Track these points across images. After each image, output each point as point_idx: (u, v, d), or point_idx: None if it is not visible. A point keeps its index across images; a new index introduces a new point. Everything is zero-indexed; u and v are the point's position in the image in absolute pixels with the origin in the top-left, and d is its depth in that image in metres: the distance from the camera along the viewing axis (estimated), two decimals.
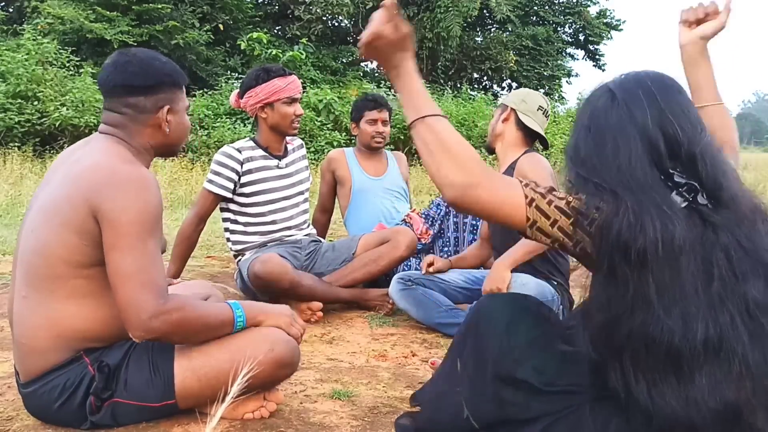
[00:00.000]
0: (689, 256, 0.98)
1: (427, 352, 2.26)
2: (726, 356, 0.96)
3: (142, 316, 1.35)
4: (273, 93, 2.69)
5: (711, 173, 1.04)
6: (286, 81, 2.70)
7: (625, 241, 0.99)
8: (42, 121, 8.04)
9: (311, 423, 1.60)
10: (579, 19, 19.70)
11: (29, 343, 1.45)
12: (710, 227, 1.01)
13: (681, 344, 0.96)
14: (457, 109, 12.15)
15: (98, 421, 1.47)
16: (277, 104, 2.71)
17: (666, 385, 0.98)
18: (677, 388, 0.97)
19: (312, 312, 2.57)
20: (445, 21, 15.09)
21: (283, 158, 2.85)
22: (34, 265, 1.43)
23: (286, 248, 2.76)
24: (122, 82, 1.50)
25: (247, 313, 1.56)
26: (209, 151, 8.51)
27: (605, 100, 1.12)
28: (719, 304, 0.97)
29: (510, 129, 2.47)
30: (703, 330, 0.96)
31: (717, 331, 0.96)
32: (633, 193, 1.02)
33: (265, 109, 2.73)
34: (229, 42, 13.68)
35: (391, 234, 2.83)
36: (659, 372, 0.98)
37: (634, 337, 0.99)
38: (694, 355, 0.96)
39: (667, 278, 0.98)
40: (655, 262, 0.98)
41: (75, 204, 1.39)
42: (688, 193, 1.04)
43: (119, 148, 1.49)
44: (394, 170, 3.38)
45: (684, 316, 0.97)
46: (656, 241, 0.98)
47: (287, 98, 2.70)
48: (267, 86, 2.70)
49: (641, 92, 1.09)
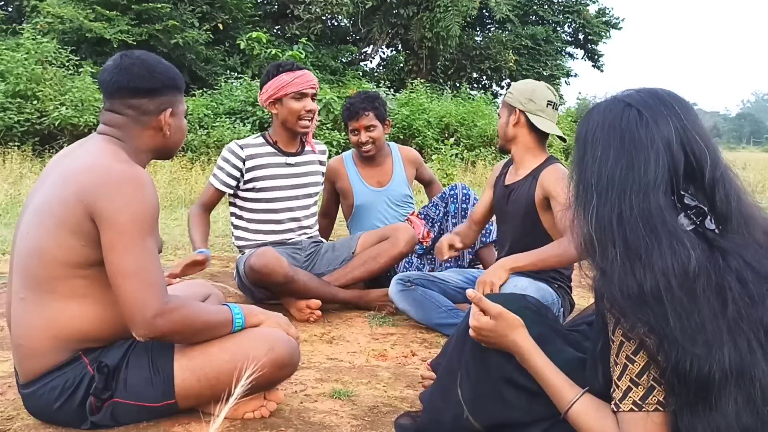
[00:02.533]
0: (702, 282, 0.96)
1: (427, 352, 2.26)
2: (747, 381, 0.95)
3: (146, 314, 1.35)
4: (280, 88, 2.67)
5: (725, 197, 1.01)
6: (293, 75, 2.68)
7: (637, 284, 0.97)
8: (41, 121, 8.04)
9: (311, 422, 1.61)
10: (578, 18, 19.72)
11: (28, 345, 1.45)
12: (718, 252, 0.99)
13: (710, 372, 0.94)
14: (456, 109, 12.14)
15: (98, 421, 1.47)
16: (285, 99, 2.69)
17: (695, 415, 0.96)
18: (705, 418, 0.96)
19: (311, 310, 2.56)
20: (445, 20, 15.09)
21: (294, 156, 2.82)
22: (31, 266, 1.43)
23: (286, 249, 2.76)
24: (127, 83, 1.50)
25: (246, 313, 1.56)
26: (208, 150, 8.51)
27: (630, 114, 1.06)
28: (736, 328, 0.96)
29: (522, 132, 2.37)
30: (727, 355, 0.94)
31: (738, 355, 0.95)
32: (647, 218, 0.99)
33: (275, 104, 2.72)
34: (229, 41, 13.67)
35: (390, 231, 2.80)
36: (689, 404, 0.97)
37: (669, 369, 0.97)
38: (722, 381, 0.94)
39: (686, 307, 0.95)
40: (671, 293, 0.95)
41: (70, 205, 1.38)
42: (695, 216, 1.02)
43: (114, 148, 1.49)
44: (399, 174, 3.23)
45: (708, 343, 0.95)
46: (667, 271, 0.95)
47: (295, 93, 2.67)
48: (275, 81, 2.69)
49: (664, 109, 1.05)
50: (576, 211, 1.08)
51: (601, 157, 1.06)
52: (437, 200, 3.16)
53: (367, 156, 3.11)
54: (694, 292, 0.96)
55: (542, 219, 2.33)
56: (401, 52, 18.10)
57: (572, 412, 1.13)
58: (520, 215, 2.36)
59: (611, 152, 1.05)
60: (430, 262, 3.13)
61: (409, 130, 10.73)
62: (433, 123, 11.28)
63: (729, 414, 0.95)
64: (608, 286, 1.00)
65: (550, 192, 2.26)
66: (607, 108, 1.09)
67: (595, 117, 1.10)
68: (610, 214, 1.01)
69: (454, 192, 3.10)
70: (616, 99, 1.10)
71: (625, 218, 1.00)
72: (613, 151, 1.04)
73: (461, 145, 10.97)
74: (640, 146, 1.03)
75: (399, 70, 17.44)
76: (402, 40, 17.26)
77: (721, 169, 1.03)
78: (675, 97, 1.07)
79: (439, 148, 10.10)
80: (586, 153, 1.08)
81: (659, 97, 1.06)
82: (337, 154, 3.47)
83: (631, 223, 0.99)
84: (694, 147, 1.02)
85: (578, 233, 1.07)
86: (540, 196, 2.30)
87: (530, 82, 2.45)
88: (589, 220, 1.04)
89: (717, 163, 1.02)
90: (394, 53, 18.65)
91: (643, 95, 1.07)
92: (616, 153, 1.04)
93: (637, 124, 1.04)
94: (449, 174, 8.30)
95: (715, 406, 0.95)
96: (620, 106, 1.08)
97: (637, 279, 0.97)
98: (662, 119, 1.03)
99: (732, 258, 0.98)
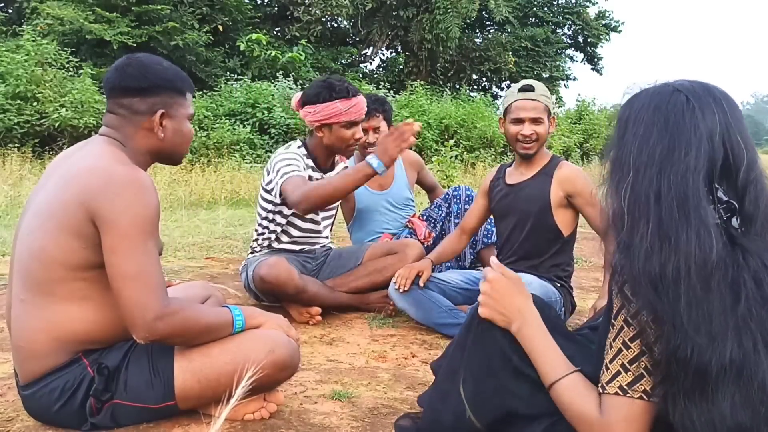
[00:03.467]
0: (719, 275, 0.97)
1: (427, 354, 2.26)
2: (746, 380, 0.95)
3: (147, 317, 1.35)
4: (332, 116, 2.55)
5: (754, 199, 1.02)
6: (348, 104, 2.55)
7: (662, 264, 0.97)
8: (41, 122, 8.05)
9: (311, 424, 1.61)
10: (578, 20, 19.75)
11: (28, 347, 1.45)
12: (739, 250, 0.99)
13: (709, 363, 0.95)
14: (456, 110, 12.15)
15: (98, 422, 1.47)
16: (335, 126, 2.58)
17: (692, 405, 0.97)
18: (702, 408, 0.97)
19: (311, 316, 2.57)
20: (444, 22, 15.12)
21: (328, 171, 2.77)
22: (32, 268, 1.43)
23: (298, 257, 2.74)
24: (119, 82, 1.51)
25: (246, 315, 1.56)
26: (208, 152, 8.53)
27: (678, 99, 1.06)
28: (744, 327, 0.96)
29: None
30: (729, 350, 0.95)
31: (741, 353, 0.95)
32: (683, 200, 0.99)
33: (322, 128, 2.61)
34: (229, 43, 13.69)
35: (398, 246, 2.78)
36: (687, 392, 0.97)
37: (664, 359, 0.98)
38: (720, 374, 0.95)
39: (698, 296, 0.96)
40: (689, 279, 0.96)
41: (71, 207, 1.38)
42: (724, 212, 1.02)
43: (115, 150, 1.49)
44: (401, 177, 3.23)
45: (712, 334, 0.96)
46: (689, 256, 0.96)
47: (347, 122, 2.58)
48: (327, 107, 2.55)
49: (712, 102, 1.05)
50: (609, 186, 1.09)
51: (643, 135, 1.06)
52: (440, 201, 3.19)
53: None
54: (708, 282, 0.96)
55: (556, 216, 2.39)
56: (401, 54, 18.12)
57: (559, 385, 1.14)
58: (533, 212, 2.41)
59: (654, 131, 1.05)
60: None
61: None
62: (433, 125, 11.29)
63: (724, 409, 0.95)
64: (630, 262, 1.00)
65: (574, 191, 2.34)
66: (655, 91, 1.09)
67: (641, 99, 1.10)
68: (648, 189, 1.02)
69: (458, 193, 3.12)
70: (666, 84, 1.10)
71: (663, 196, 1.00)
72: (657, 130, 1.05)
73: (461, 146, 10.99)
74: (683, 130, 1.03)
75: (399, 72, 17.47)
76: (402, 41, 17.28)
77: (756, 173, 1.03)
78: (725, 95, 1.07)
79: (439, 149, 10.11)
80: (627, 131, 1.08)
81: (710, 90, 1.07)
82: None
83: (668, 202, 1.00)
84: (734, 145, 1.03)
85: (609, 206, 1.07)
86: (559, 194, 2.37)
87: (540, 84, 2.50)
88: (622, 195, 1.04)
89: (753, 166, 1.03)
90: (393, 55, 18.68)
91: (694, 85, 1.08)
92: (659, 133, 1.04)
93: (683, 109, 1.04)
94: (449, 176, 8.31)
95: (711, 399, 0.96)
96: (669, 90, 1.08)
97: (661, 259, 0.97)
98: (709, 111, 1.04)
99: (751, 258, 0.99)
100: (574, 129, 14.17)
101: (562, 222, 2.39)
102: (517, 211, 2.45)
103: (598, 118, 15.07)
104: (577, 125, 14.59)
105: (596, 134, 14.40)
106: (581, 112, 15.52)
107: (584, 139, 14.14)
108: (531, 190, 2.41)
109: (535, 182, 2.41)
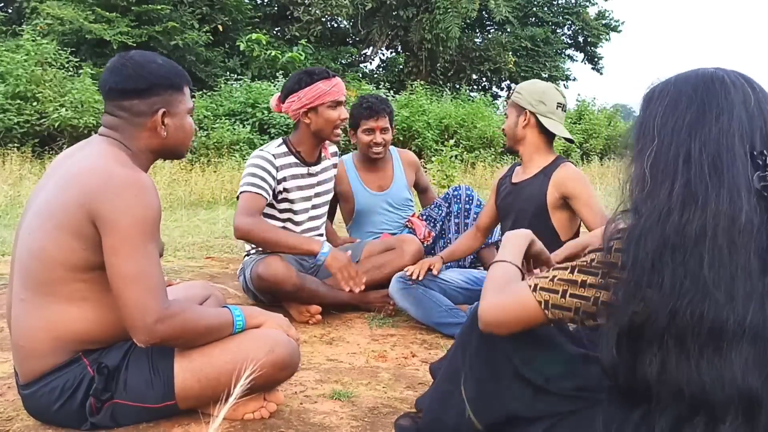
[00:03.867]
0: (750, 239, 0.96)
1: (427, 353, 2.26)
2: (762, 345, 0.95)
3: (147, 320, 1.35)
4: (317, 97, 2.57)
5: None
6: (330, 84, 2.59)
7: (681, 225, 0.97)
8: (41, 122, 8.05)
9: (311, 423, 1.61)
10: (578, 20, 19.75)
11: (28, 346, 1.45)
12: None
13: (726, 319, 0.95)
14: (456, 110, 12.14)
15: (98, 422, 1.47)
16: (321, 108, 2.59)
17: (703, 360, 0.97)
18: (712, 363, 0.96)
19: (311, 315, 2.57)
20: (444, 22, 15.11)
21: (314, 165, 2.76)
22: (32, 268, 1.43)
23: (294, 255, 2.72)
24: (116, 85, 1.49)
25: (246, 315, 1.56)
26: (208, 152, 8.52)
27: (705, 72, 1.05)
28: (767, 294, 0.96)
29: (532, 133, 2.39)
30: (750, 313, 0.95)
31: (761, 317, 0.95)
32: (715, 160, 0.98)
33: (308, 114, 2.61)
34: (229, 43, 13.69)
35: (396, 242, 2.78)
36: (699, 346, 0.97)
37: (679, 316, 0.97)
38: (737, 333, 0.95)
39: (724, 255, 0.96)
40: (716, 238, 0.96)
41: (72, 208, 1.38)
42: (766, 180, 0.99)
43: (116, 151, 1.48)
44: (400, 178, 3.22)
45: (733, 293, 0.95)
46: (717, 215, 0.96)
47: (332, 102, 2.59)
48: (311, 90, 2.58)
49: (747, 84, 1.04)
50: (629, 156, 1.08)
51: (668, 104, 1.04)
52: (440, 201, 3.19)
53: (376, 157, 3.10)
54: (735, 243, 0.96)
55: (552, 217, 2.36)
56: (401, 54, 18.12)
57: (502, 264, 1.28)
58: (530, 213, 2.38)
59: (683, 99, 1.03)
60: None
61: (409, 132, 10.74)
62: (433, 125, 11.28)
63: (736, 369, 0.95)
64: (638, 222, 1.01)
65: (570, 193, 2.30)
66: (692, 73, 1.08)
67: (667, 80, 1.09)
68: (676, 152, 1.01)
69: (458, 192, 3.13)
70: (701, 68, 1.08)
71: (693, 158, 0.99)
72: (686, 98, 1.03)
73: (461, 146, 10.98)
74: (713, 96, 1.01)
75: (399, 72, 17.46)
76: (402, 41, 17.28)
77: None
78: (758, 83, 1.06)
79: (439, 149, 10.10)
80: (651, 104, 1.07)
81: (746, 76, 1.06)
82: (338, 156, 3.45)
83: (699, 163, 0.98)
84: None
85: (628, 175, 1.07)
86: (555, 195, 2.34)
87: (539, 83, 2.46)
88: (645, 160, 1.03)
89: None
90: (393, 55, 18.67)
91: (731, 71, 1.06)
92: (688, 99, 1.03)
93: (713, 78, 1.03)
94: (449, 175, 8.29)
95: (725, 356, 0.96)
96: (706, 72, 1.06)
97: (682, 219, 0.97)
98: (738, 84, 1.03)
99: None
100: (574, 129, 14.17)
101: (559, 224, 2.35)
102: (516, 211, 2.44)
103: (598, 118, 15.05)
104: (576, 125, 14.57)
105: (596, 134, 14.38)
106: (581, 112, 15.51)
107: (584, 139, 14.13)
108: (530, 189, 2.39)
109: (533, 182, 2.39)
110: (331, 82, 2.59)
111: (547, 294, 1.11)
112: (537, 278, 1.15)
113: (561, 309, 1.10)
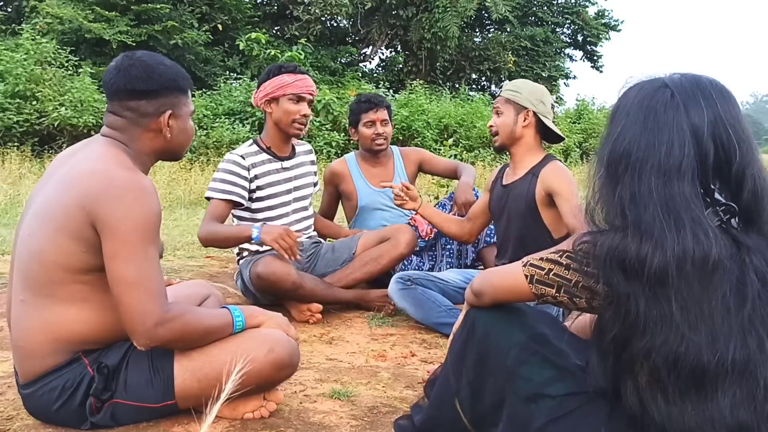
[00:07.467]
0: (724, 275, 0.95)
1: (427, 353, 2.26)
2: (749, 379, 0.95)
3: (147, 324, 1.35)
4: (279, 87, 2.64)
5: (752, 195, 0.99)
6: (295, 77, 2.65)
7: (639, 260, 0.96)
8: (41, 121, 8.03)
9: (311, 423, 1.61)
10: (577, 20, 19.73)
11: (27, 347, 1.45)
12: (744, 249, 0.97)
13: (708, 362, 0.94)
14: (455, 110, 12.15)
15: (98, 421, 1.47)
16: (282, 99, 2.65)
17: (687, 402, 0.96)
18: (697, 406, 0.95)
19: (311, 313, 2.57)
20: (443, 21, 15.09)
21: (287, 159, 2.79)
22: (32, 270, 1.43)
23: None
24: (125, 85, 1.49)
25: (246, 315, 1.57)
26: (207, 151, 8.51)
27: (662, 95, 1.03)
28: (749, 326, 0.95)
29: (530, 132, 2.40)
30: (732, 350, 0.94)
31: (745, 352, 0.94)
32: (668, 203, 0.96)
33: (271, 104, 2.68)
34: (228, 42, 13.67)
35: (390, 232, 2.80)
36: (680, 390, 0.96)
37: (654, 355, 0.96)
38: (720, 373, 0.94)
39: (695, 295, 0.94)
40: (682, 279, 0.94)
41: (72, 211, 1.38)
42: (724, 214, 0.99)
43: (117, 152, 1.48)
44: (401, 175, 3.24)
45: (713, 333, 0.94)
46: (683, 257, 0.94)
47: (293, 95, 2.64)
48: (275, 80, 2.66)
49: (700, 95, 1.01)
50: (588, 178, 1.11)
51: (621, 132, 1.05)
52: (445, 200, 3.22)
53: (378, 150, 3.12)
54: (710, 281, 0.95)
55: (543, 215, 2.37)
56: (400, 53, 18.10)
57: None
58: (521, 212, 2.39)
59: (636, 128, 1.03)
60: (431, 259, 3.16)
61: (409, 131, 10.74)
62: (432, 124, 11.28)
63: (723, 407, 0.94)
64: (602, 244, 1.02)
65: (553, 189, 2.30)
66: (644, 86, 1.07)
67: (630, 94, 1.08)
68: (622, 190, 1.01)
69: None
70: (656, 79, 1.07)
71: (639, 198, 0.99)
72: (637, 127, 1.03)
73: (460, 146, 10.98)
74: (663, 128, 1.00)
75: (398, 71, 17.45)
76: (401, 41, 17.26)
77: (754, 167, 0.99)
78: (717, 87, 1.03)
79: (438, 149, 10.10)
80: (610, 126, 1.09)
81: (700, 84, 1.03)
82: (337, 156, 3.46)
83: (649, 204, 0.98)
84: (724, 139, 0.99)
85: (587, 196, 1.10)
86: (542, 192, 2.34)
87: (533, 83, 2.49)
88: (593, 189, 1.07)
89: (748, 160, 0.99)
90: (393, 54, 18.66)
91: (684, 80, 1.04)
92: (638, 130, 1.02)
93: (666, 106, 1.02)
94: None
95: (710, 396, 0.95)
96: (656, 86, 1.05)
97: (641, 252, 0.97)
98: (695, 106, 1.00)
99: (755, 256, 0.97)
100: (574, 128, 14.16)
101: (550, 222, 2.35)
102: (508, 212, 2.46)
103: (597, 117, 15.04)
104: (576, 125, 14.56)
105: (596, 133, 14.36)
106: (581, 111, 15.50)
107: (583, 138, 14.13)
108: (519, 190, 2.40)
109: (522, 182, 2.41)
110: (296, 76, 2.66)
111: (533, 269, 1.17)
112: (530, 257, 1.20)
113: (545, 285, 1.15)
